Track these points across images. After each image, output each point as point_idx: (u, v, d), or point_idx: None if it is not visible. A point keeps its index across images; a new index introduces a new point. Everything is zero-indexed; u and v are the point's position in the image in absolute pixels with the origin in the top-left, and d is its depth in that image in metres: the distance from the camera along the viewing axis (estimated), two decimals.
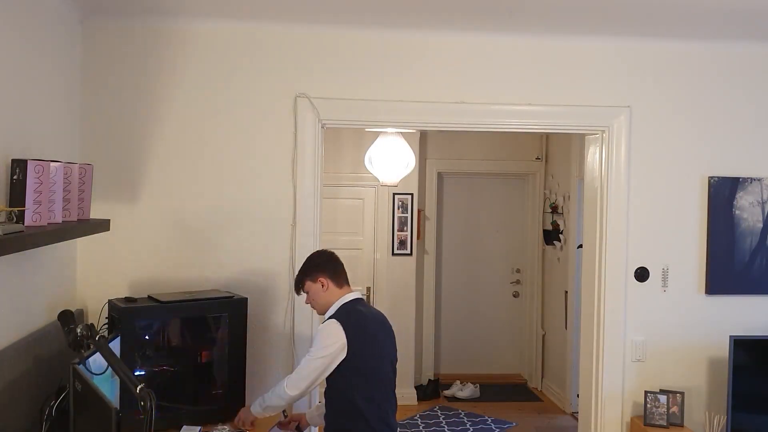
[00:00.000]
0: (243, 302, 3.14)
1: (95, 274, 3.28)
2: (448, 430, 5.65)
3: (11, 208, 2.11)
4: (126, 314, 2.86)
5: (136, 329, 2.92)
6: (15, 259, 2.46)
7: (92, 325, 2.35)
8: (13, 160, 2.22)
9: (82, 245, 3.26)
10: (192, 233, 3.34)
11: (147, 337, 3.02)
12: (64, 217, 2.44)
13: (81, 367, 2.23)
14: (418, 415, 5.98)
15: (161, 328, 3.08)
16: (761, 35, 3.42)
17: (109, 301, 3.00)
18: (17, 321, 2.55)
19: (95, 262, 3.28)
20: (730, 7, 2.99)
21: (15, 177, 2.19)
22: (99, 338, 2.29)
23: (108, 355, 2.22)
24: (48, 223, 2.27)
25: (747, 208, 3.60)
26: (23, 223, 2.11)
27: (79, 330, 2.29)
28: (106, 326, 2.96)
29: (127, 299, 3.00)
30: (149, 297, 3.07)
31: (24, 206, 2.15)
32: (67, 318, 2.34)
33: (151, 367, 3.01)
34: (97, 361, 2.31)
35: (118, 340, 2.77)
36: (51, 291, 2.93)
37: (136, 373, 2.89)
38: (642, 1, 2.92)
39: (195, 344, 3.18)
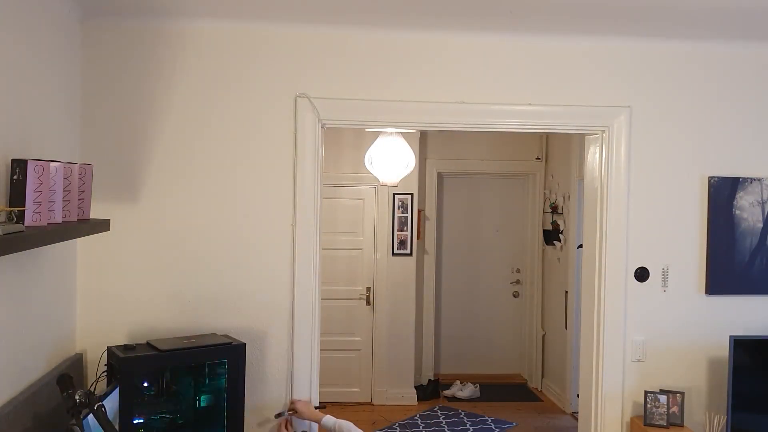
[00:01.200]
0: (241, 348, 3.15)
1: (95, 275, 3.28)
2: (448, 430, 5.65)
3: (11, 208, 2.11)
4: (125, 364, 2.87)
5: (134, 378, 2.94)
6: (15, 261, 2.47)
7: (90, 392, 2.33)
8: (13, 160, 2.21)
9: (82, 246, 3.26)
10: (192, 232, 3.34)
11: (145, 384, 3.04)
12: (64, 217, 2.44)
13: (78, 429, 2.25)
14: (418, 415, 5.99)
15: (160, 376, 3.09)
16: (762, 35, 3.42)
17: (108, 348, 3.01)
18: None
19: (95, 260, 3.28)
20: (731, 7, 2.99)
21: (15, 177, 2.19)
22: (97, 407, 2.29)
23: (106, 426, 2.25)
24: (48, 223, 2.27)
25: (747, 208, 3.60)
26: (23, 223, 2.11)
27: (77, 396, 2.28)
28: (105, 374, 2.98)
29: (126, 347, 3.01)
30: (148, 344, 3.07)
31: (24, 206, 2.15)
32: (66, 383, 2.33)
33: (150, 414, 3.02)
34: (95, 420, 2.32)
35: (117, 389, 2.79)
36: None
37: (135, 422, 2.90)
38: (642, 1, 2.92)
39: (193, 390, 3.19)
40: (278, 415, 3.32)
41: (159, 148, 3.30)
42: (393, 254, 6.31)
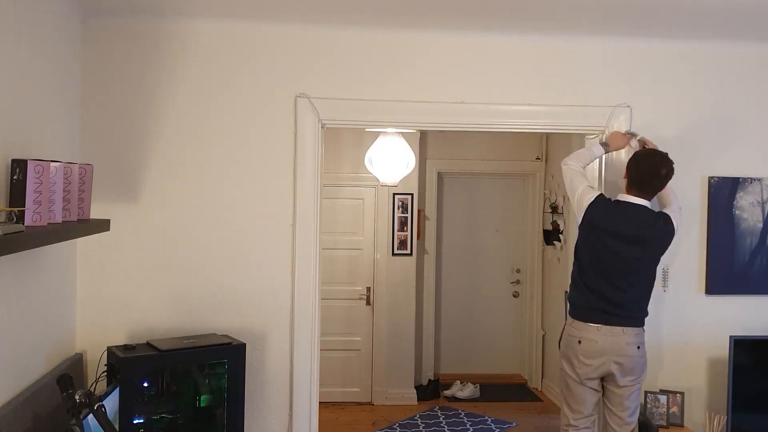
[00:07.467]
0: (241, 348, 3.16)
1: (95, 275, 3.28)
2: (448, 430, 5.65)
3: (11, 208, 2.11)
4: (125, 364, 2.87)
5: (134, 378, 2.94)
6: (15, 261, 2.47)
7: (90, 392, 2.33)
8: (13, 160, 2.22)
9: (82, 246, 3.26)
10: (192, 233, 3.34)
11: (146, 384, 3.04)
12: (64, 217, 2.44)
13: (78, 429, 2.25)
14: (418, 415, 5.98)
15: (160, 376, 3.09)
16: (761, 35, 3.42)
17: (108, 348, 3.02)
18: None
19: (95, 260, 3.28)
20: (731, 7, 2.99)
21: (15, 177, 2.19)
22: (97, 407, 2.29)
23: (106, 426, 2.26)
24: (48, 223, 2.27)
25: (747, 208, 3.60)
26: (23, 223, 2.11)
27: (77, 396, 2.28)
28: (105, 374, 2.99)
29: (126, 347, 3.01)
30: (148, 344, 3.08)
31: (24, 206, 2.15)
32: (66, 383, 2.34)
33: (150, 414, 3.02)
34: (95, 420, 2.32)
35: (117, 389, 2.79)
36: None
37: (135, 422, 2.90)
38: (642, 1, 2.92)
39: (193, 390, 3.20)
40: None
41: (159, 148, 3.30)
42: (393, 254, 6.30)
